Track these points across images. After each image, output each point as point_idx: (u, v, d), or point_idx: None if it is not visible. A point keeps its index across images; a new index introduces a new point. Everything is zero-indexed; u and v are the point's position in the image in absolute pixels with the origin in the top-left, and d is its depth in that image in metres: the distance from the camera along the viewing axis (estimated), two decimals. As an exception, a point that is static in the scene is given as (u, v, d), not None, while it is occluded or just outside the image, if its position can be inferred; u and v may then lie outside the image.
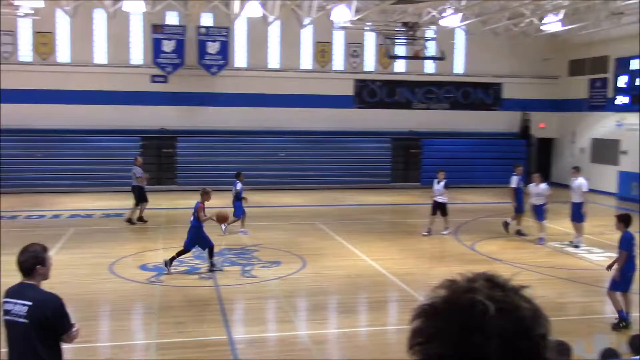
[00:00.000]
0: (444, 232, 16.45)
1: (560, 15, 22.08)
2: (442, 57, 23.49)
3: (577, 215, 15.29)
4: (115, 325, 9.78)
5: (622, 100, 24.63)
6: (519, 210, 16.61)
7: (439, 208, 16.45)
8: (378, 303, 11.16)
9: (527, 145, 27.95)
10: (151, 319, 9.85)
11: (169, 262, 12.31)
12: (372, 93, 27.30)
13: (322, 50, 26.66)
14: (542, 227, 15.70)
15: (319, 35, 26.35)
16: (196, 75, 25.30)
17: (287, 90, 26.07)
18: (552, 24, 22.96)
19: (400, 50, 23.50)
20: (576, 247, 15.18)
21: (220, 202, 16.09)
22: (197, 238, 12.49)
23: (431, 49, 23.64)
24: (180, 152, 25.46)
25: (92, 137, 24.71)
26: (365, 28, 24.41)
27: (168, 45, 24.67)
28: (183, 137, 25.45)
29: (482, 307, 1.16)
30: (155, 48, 24.69)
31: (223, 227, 15.64)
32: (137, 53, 25.36)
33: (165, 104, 25.20)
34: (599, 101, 26.07)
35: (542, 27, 23.89)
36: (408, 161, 27.25)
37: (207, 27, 25.19)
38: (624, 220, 9.75)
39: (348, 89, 27.01)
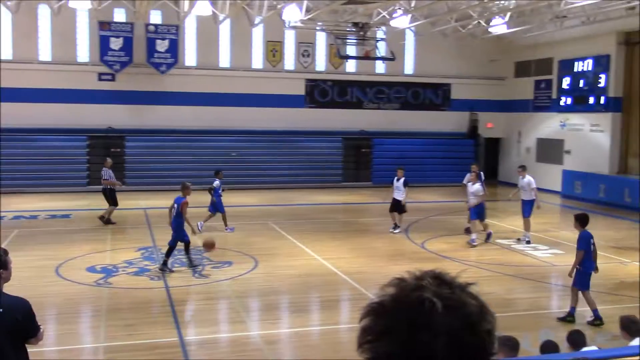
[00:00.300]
0: (396, 231, 16.65)
1: (507, 18, 22.58)
2: (392, 58, 23.73)
3: (528, 212, 15.71)
4: (63, 329, 9.53)
5: (565, 101, 25.35)
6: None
7: (397, 205, 16.65)
8: (330, 302, 11.20)
9: (475, 144, 28.49)
10: (100, 322, 9.64)
11: (164, 267, 12.29)
12: (323, 93, 27.38)
13: (273, 50, 26.59)
14: (474, 226, 15.49)
15: (269, 35, 26.28)
16: (145, 74, 24.90)
17: (238, 89, 25.92)
18: (499, 26, 23.46)
19: (351, 50, 23.65)
20: (528, 242, 15.53)
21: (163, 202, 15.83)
22: (177, 230, 12.57)
23: (381, 49, 23.85)
24: (128, 151, 25.01)
25: (37, 136, 24.05)
26: (316, 28, 24.46)
27: (116, 43, 24.20)
28: (132, 136, 25.02)
29: (429, 304, 1.18)
30: (103, 45, 24.18)
31: (199, 224, 15.66)
32: (84, 50, 24.79)
33: (113, 103, 24.71)
34: (543, 102, 26.77)
35: (489, 29, 24.39)
36: (359, 161, 27.45)
37: (156, 25, 24.81)
38: (580, 220, 9.93)
39: (299, 89, 27.03)
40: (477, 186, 15.60)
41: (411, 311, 1.19)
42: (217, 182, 16.77)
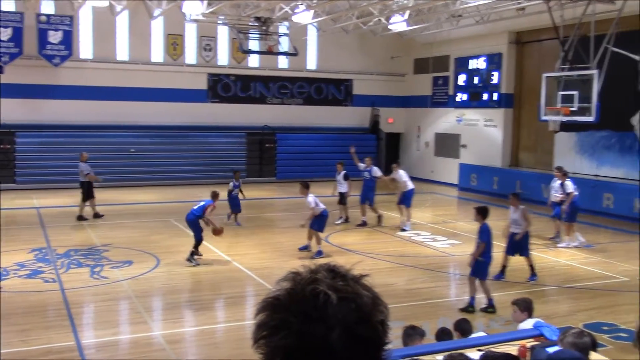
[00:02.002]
0: (337, 222, 17.12)
1: (406, 16, 23.17)
2: (295, 53, 23.81)
3: (405, 200, 16.73)
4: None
5: (461, 97, 26.36)
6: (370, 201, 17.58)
7: (341, 197, 17.19)
8: (234, 298, 11.11)
9: (377, 139, 29.10)
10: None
11: (191, 258, 12.73)
12: (226, 87, 27.09)
13: (174, 43, 26.01)
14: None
15: (170, 28, 25.67)
16: (37, 66, 23.67)
17: (137, 83, 25.17)
18: (398, 23, 24.05)
19: (253, 45, 23.52)
20: (403, 230, 16.37)
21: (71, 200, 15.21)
22: (195, 227, 12.99)
23: (284, 44, 23.86)
24: (19, 148, 23.70)
25: None
26: (218, 22, 24.14)
27: (4, 34, 22.84)
28: (23, 132, 23.72)
29: (324, 297, 1.19)
30: (-11, 36, 22.79)
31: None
32: (-32, 40, 23.27)
33: (1, 97, 23.33)
34: (441, 98, 27.72)
35: (389, 27, 24.94)
36: (263, 156, 27.36)
37: (48, 15, 23.60)
38: (481, 213, 10.26)
39: (201, 83, 26.60)
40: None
41: (306, 304, 1.19)
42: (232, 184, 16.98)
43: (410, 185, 16.96)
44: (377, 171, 17.48)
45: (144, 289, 11.22)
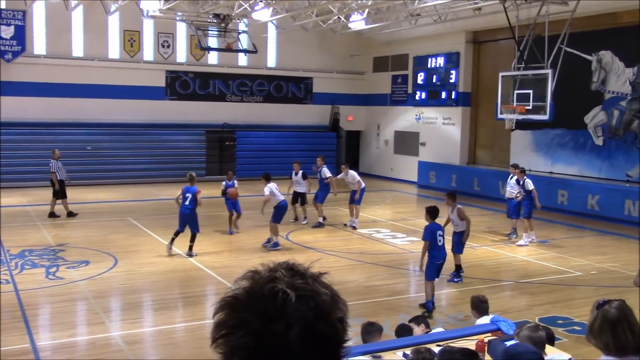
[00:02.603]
0: (304, 222, 17.10)
1: (365, 15, 23.28)
2: (254, 50, 23.69)
3: (356, 200, 16.91)
4: None
5: (420, 95, 26.62)
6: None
7: (299, 197, 17.15)
8: (194, 298, 11.01)
9: (337, 137, 29.19)
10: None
11: (191, 253, 13.17)
12: (185, 85, 26.81)
13: (131, 39, 25.62)
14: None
15: (126, 24, 25.27)
16: (-12, 62, 23.06)
17: (93, 80, 24.72)
18: (357, 22, 24.15)
19: (212, 42, 23.31)
20: (354, 228, 16.56)
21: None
22: (193, 220, 13.22)
23: (244, 41, 23.71)
24: (-30, 146, 23.05)
25: None
26: (176, 18, 23.85)
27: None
28: (-26, 129, 23.08)
29: (283, 295, 1.20)
30: (-62, 30, 22.10)
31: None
32: None
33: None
34: (400, 96, 27.95)
35: (348, 25, 25.03)
36: (223, 154, 27.15)
37: (-1, 10, 23.02)
38: (430, 212, 10.26)
39: (159, 80, 26.27)
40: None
41: (265, 303, 1.20)
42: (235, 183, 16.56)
43: (362, 184, 17.07)
44: (326, 172, 17.25)
45: (102, 289, 11.04)
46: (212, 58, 26.99)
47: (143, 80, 25.65)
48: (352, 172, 17.35)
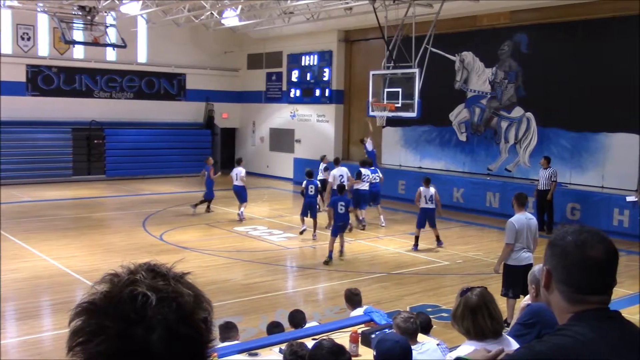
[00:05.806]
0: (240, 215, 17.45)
1: (238, 11, 23.13)
2: (123, 45, 22.82)
3: (241, 196, 17.59)
4: None
5: (294, 93, 26.86)
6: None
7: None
8: (62, 304, 10.42)
9: (212, 135, 28.81)
10: None
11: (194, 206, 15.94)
12: (48, 80, 25.34)
13: (-14, 31, 23.84)
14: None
15: (-19, 14, 23.49)
16: None
17: (-57, 74, 22.77)
18: (231, 18, 23.94)
19: (77, 35, 22.19)
20: (241, 220, 17.14)
21: None
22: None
23: (112, 35, 22.78)
24: None
25: None
26: (37, 9, 22.50)
27: None
28: None
29: (143, 298, 1.16)
30: None
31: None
32: None
33: None
34: (275, 93, 28.06)
35: (221, 21, 24.75)
36: (91, 153, 25.95)
37: None
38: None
39: (19, 75, 24.66)
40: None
41: (124, 307, 1.15)
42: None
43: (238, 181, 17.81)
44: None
45: (-44, 300, 10.21)
46: (78, 52, 25.71)
47: (0, 74, 23.95)
48: (240, 168, 18.06)
